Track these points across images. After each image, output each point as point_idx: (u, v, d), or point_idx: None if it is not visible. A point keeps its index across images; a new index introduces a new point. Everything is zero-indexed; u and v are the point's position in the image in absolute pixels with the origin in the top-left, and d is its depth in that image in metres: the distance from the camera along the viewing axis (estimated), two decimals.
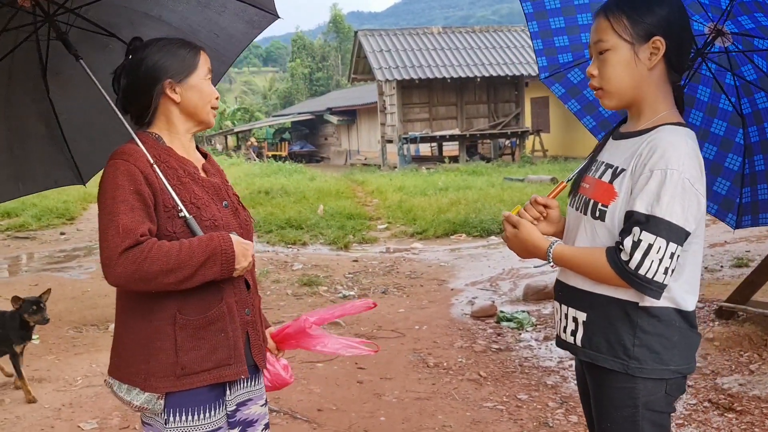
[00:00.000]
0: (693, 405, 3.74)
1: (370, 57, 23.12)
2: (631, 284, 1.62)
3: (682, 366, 1.71)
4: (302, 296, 6.79)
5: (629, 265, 1.60)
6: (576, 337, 1.78)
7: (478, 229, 10.13)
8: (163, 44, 1.92)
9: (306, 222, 11.05)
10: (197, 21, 2.49)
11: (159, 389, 1.79)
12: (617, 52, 1.70)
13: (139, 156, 1.81)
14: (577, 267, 1.73)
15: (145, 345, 1.80)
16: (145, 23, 2.40)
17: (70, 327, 5.86)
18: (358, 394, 4.15)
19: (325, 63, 53.97)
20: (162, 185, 1.80)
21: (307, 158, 32.76)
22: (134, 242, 1.70)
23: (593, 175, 1.81)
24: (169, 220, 1.80)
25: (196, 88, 1.92)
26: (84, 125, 2.63)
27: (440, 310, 6.11)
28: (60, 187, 3.08)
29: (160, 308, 1.80)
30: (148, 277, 1.70)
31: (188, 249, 1.74)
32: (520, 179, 15.91)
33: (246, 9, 2.49)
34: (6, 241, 10.70)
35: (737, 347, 4.52)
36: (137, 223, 1.72)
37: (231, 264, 1.79)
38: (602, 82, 1.75)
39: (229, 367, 1.86)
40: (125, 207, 1.73)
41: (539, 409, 3.84)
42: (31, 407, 4.10)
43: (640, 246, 1.58)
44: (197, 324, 1.82)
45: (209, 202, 1.90)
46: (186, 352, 1.80)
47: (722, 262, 7.18)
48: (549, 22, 2.67)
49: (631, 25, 1.69)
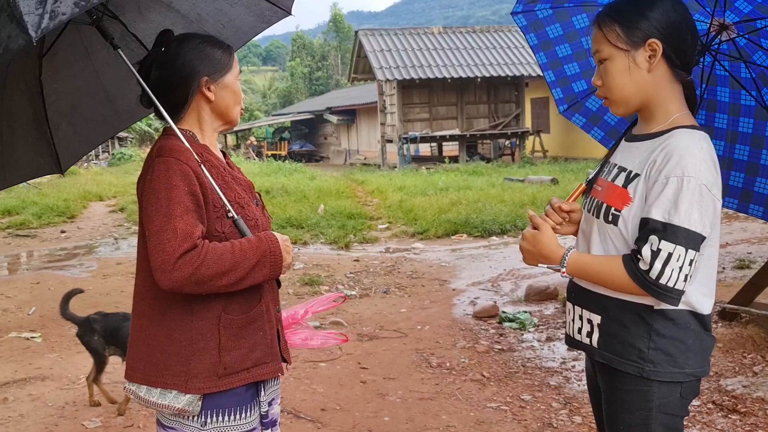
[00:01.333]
0: (697, 406, 3.74)
1: (370, 56, 23.13)
2: (651, 293, 1.61)
3: (697, 369, 1.70)
4: (303, 295, 6.78)
5: (650, 275, 1.59)
6: (591, 339, 1.78)
7: (479, 230, 10.13)
8: (198, 41, 1.90)
9: (306, 221, 11.05)
10: (207, 10, 2.44)
11: (200, 390, 1.77)
12: (614, 60, 1.71)
13: (189, 154, 1.78)
14: (592, 277, 1.72)
15: (187, 346, 1.77)
16: (152, 7, 2.35)
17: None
18: (362, 394, 4.15)
19: (325, 62, 53.98)
20: (210, 184, 1.78)
21: (306, 157, 32.77)
22: (191, 246, 1.67)
23: (606, 178, 1.80)
24: (218, 220, 1.79)
25: (229, 87, 1.92)
26: (69, 110, 2.52)
27: (442, 311, 6.11)
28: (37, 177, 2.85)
29: (205, 308, 1.78)
30: (203, 280, 1.68)
31: (240, 251, 1.74)
32: (521, 180, 15.91)
33: (259, 2, 2.45)
34: (7, 239, 10.69)
35: (741, 349, 4.52)
36: (193, 225, 1.69)
37: (279, 264, 1.80)
38: (606, 92, 1.76)
39: (267, 365, 1.87)
40: (181, 209, 1.69)
41: (543, 410, 3.84)
42: (34, 405, 4.10)
43: (660, 255, 1.58)
44: (240, 323, 1.82)
45: (249, 201, 1.92)
46: (228, 352, 1.79)
47: (724, 263, 7.18)
48: (555, 51, 2.66)
49: (623, 32, 1.69)
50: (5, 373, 4.64)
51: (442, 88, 23.28)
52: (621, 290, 1.67)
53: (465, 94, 23.61)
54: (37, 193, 14.76)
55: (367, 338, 5.31)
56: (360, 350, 5.01)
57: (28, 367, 4.78)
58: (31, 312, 6.22)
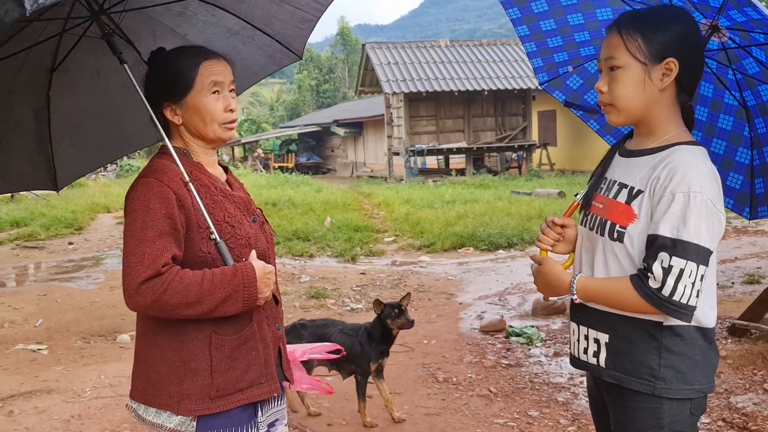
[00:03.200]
0: (707, 424, 3.70)
1: (377, 69, 23.21)
2: (665, 311, 1.60)
3: (705, 385, 1.69)
4: (309, 309, 6.77)
5: (662, 293, 1.58)
6: (599, 359, 1.75)
7: (485, 243, 10.10)
8: (167, 58, 1.87)
9: (313, 234, 11.05)
10: (220, 47, 2.43)
11: (193, 412, 1.76)
12: (629, 71, 1.68)
13: (173, 175, 1.76)
14: (603, 299, 1.71)
15: (179, 366, 1.77)
16: (167, 38, 2.38)
17: (78, 338, 5.86)
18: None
19: (332, 75, 54.24)
20: (196, 205, 1.77)
21: (313, 170, 32.84)
22: (155, 273, 1.66)
23: (606, 195, 1.78)
24: (203, 241, 1.77)
25: (194, 108, 1.83)
26: (74, 129, 2.55)
27: (449, 325, 6.08)
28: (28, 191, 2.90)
29: (196, 329, 1.76)
30: (168, 308, 1.68)
31: (210, 283, 1.70)
32: (528, 192, 15.89)
33: (272, 44, 2.47)
34: (15, 250, 10.73)
35: (751, 366, 4.47)
36: (162, 250, 1.68)
37: (254, 299, 1.75)
38: (612, 99, 1.72)
39: (262, 385, 1.84)
40: (153, 233, 1.69)
41: (551, 426, 3.81)
42: (39, 418, 4.09)
43: (672, 272, 1.57)
44: (232, 344, 1.79)
45: (242, 219, 1.87)
46: (221, 374, 1.77)
47: (733, 278, 7.13)
48: (539, 24, 2.63)
49: (645, 44, 1.66)
50: (11, 386, 4.64)
51: (449, 100, 23.32)
52: (632, 311, 1.66)
53: (472, 107, 23.64)
54: (45, 205, 14.83)
55: None
56: None
57: (34, 379, 4.78)
58: (38, 324, 6.22)
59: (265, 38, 2.47)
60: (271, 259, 1.94)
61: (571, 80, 2.80)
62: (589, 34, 2.55)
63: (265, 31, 2.44)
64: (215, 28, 2.45)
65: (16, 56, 2.15)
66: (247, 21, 2.41)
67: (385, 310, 3.83)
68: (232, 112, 1.88)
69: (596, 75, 2.67)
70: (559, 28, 2.57)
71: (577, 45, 2.63)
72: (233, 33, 2.46)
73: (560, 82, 2.82)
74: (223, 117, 1.86)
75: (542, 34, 2.61)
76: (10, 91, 2.30)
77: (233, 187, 1.97)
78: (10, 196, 16.54)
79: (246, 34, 2.46)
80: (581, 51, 2.65)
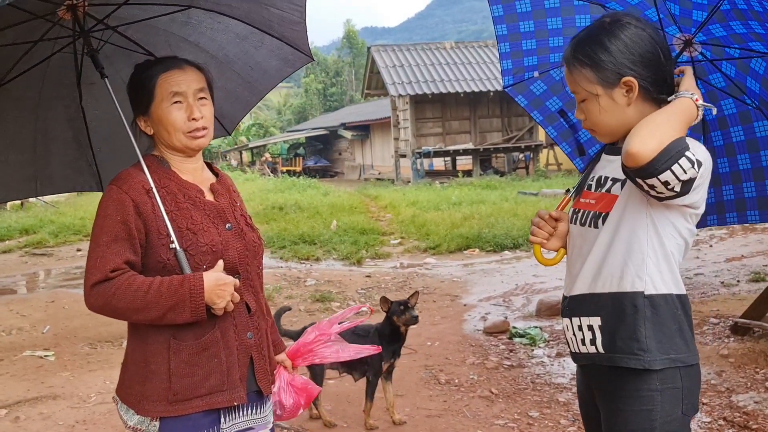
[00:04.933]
0: (707, 423, 3.70)
1: (383, 72, 23.25)
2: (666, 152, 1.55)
3: (682, 355, 1.70)
4: (315, 312, 6.80)
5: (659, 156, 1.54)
6: (597, 345, 1.77)
7: (491, 244, 10.10)
8: (135, 72, 1.92)
9: (319, 237, 11.08)
10: (234, 52, 2.50)
11: (151, 413, 1.79)
12: (593, 101, 1.73)
13: (134, 182, 1.81)
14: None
15: (143, 367, 1.81)
16: (182, 47, 2.42)
17: (84, 343, 5.91)
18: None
19: (339, 78, 54.27)
20: (158, 212, 1.80)
21: (321, 173, 32.92)
22: (104, 277, 1.72)
23: (598, 191, 1.81)
24: (162, 248, 1.79)
25: (157, 119, 1.88)
26: (109, 135, 2.66)
27: (452, 326, 6.09)
28: (79, 192, 3.06)
29: (157, 331, 1.80)
30: (118, 311, 1.74)
31: (156, 292, 1.73)
32: (534, 193, 15.86)
33: (282, 47, 2.49)
34: (24, 257, 10.82)
35: (753, 364, 4.46)
36: (114, 255, 1.74)
37: (201, 310, 1.76)
38: (591, 125, 1.79)
39: (222, 393, 1.83)
40: (107, 238, 1.75)
41: (551, 427, 3.81)
42: (45, 424, 4.13)
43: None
44: (191, 350, 1.80)
45: (209, 227, 1.87)
46: (179, 379, 1.79)
47: (739, 276, 7.10)
48: (519, 25, 2.63)
49: (595, 75, 1.70)
50: (17, 392, 4.69)
51: (455, 102, 23.32)
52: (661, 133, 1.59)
53: (478, 108, 23.63)
54: (54, 212, 14.95)
55: None
56: None
57: (40, 385, 4.83)
58: (46, 330, 6.28)
59: (274, 41, 2.48)
60: (251, 268, 1.94)
61: (535, 86, 2.80)
62: (563, 40, 2.56)
63: (272, 34, 2.45)
64: (224, 34, 2.47)
65: (30, 74, 2.29)
66: (251, 25, 2.43)
67: (392, 306, 3.87)
68: (196, 120, 1.88)
69: (561, 82, 2.68)
70: (537, 30, 2.58)
71: (549, 50, 2.63)
72: (242, 38, 2.48)
73: (524, 87, 2.83)
74: (185, 126, 1.87)
75: (519, 35, 2.61)
76: (38, 104, 2.45)
77: (216, 194, 1.96)
78: (20, 204, 16.70)
79: (255, 39, 2.48)
80: (551, 57, 2.65)
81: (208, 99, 1.93)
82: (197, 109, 1.89)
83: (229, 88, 2.60)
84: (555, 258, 1.98)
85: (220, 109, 2.64)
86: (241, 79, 2.61)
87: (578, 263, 1.83)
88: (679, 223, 1.70)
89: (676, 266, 1.72)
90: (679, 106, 1.66)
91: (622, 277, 1.71)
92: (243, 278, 1.90)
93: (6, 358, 5.50)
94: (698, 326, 5.26)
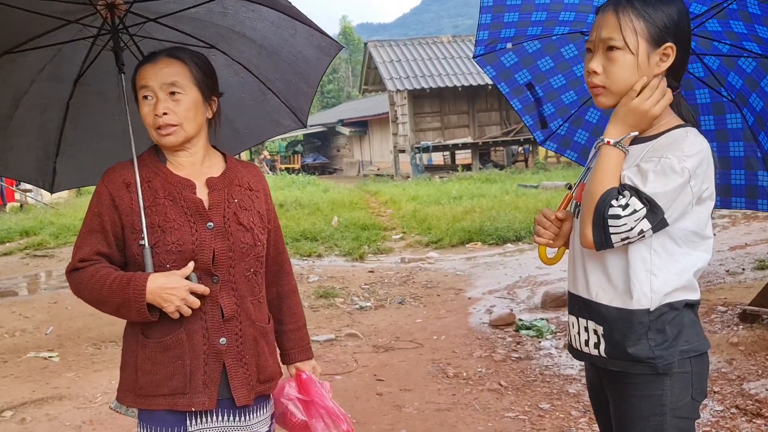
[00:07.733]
0: (720, 411, 3.67)
1: (380, 68, 23.21)
2: (596, 223, 1.62)
3: (694, 344, 1.68)
4: (318, 308, 6.77)
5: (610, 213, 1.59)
6: (600, 350, 1.74)
7: (493, 237, 10.08)
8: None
9: (321, 234, 11.05)
10: (276, 41, 2.42)
11: (123, 401, 1.87)
12: (625, 54, 1.63)
13: (115, 176, 1.84)
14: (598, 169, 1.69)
15: (124, 354, 1.89)
16: (233, 38, 2.39)
17: (88, 344, 5.87)
18: (378, 407, 4.12)
19: (336, 75, 54.27)
20: (135, 207, 1.80)
21: (320, 170, 32.89)
22: (73, 267, 1.80)
23: None
24: (134, 244, 1.80)
25: (140, 112, 1.86)
26: (82, 145, 2.64)
27: (458, 320, 6.06)
28: (18, 180, 3.00)
29: (131, 325, 1.86)
30: (87, 301, 1.81)
31: (110, 287, 1.75)
32: (534, 186, 15.83)
33: (312, 34, 2.38)
34: (25, 259, 10.78)
35: (763, 351, 4.43)
36: (87, 246, 1.80)
37: (143, 312, 1.73)
38: (607, 81, 1.67)
39: (183, 396, 1.79)
40: (85, 230, 1.83)
41: (562, 419, 3.78)
42: (51, 425, 4.10)
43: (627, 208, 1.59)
44: (154, 348, 1.80)
45: (183, 225, 1.79)
46: (143, 374, 1.81)
47: (744, 264, 7.07)
48: None
49: (647, 27, 1.63)
50: (23, 393, 4.66)
51: (453, 96, 23.27)
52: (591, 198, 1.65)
53: (476, 101, 23.59)
54: (54, 214, 14.90)
55: (382, 350, 5.28)
56: (376, 362, 4.97)
57: (46, 386, 4.80)
58: (49, 332, 6.25)
59: (304, 27, 2.35)
60: (235, 270, 1.84)
61: (506, 57, 2.73)
62: (546, 15, 2.48)
63: (300, 20, 2.30)
64: (261, 23, 2.37)
65: (38, 53, 2.28)
66: (280, 11, 2.29)
67: None
68: (157, 116, 1.78)
69: (533, 55, 2.64)
70: (523, 4, 2.50)
71: (530, 23, 2.54)
72: (277, 25, 2.37)
73: (494, 58, 2.75)
74: (151, 122, 1.81)
75: (503, 8, 2.51)
76: (26, 91, 2.41)
77: (212, 189, 1.86)
78: (20, 206, 16.65)
79: (288, 26, 2.36)
80: (529, 30, 2.57)
81: (183, 93, 1.81)
82: (162, 105, 1.79)
83: (288, 80, 2.54)
84: (555, 257, 1.96)
85: (288, 101, 2.60)
86: (293, 69, 2.50)
87: (580, 260, 1.79)
88: (686, 217, 1.65)
89: (688, 261, 1.66)
90: (599, 164, 1.68)
91: (626, 291, 1.66)
92: (222, 281, 1.81)
93: (10, 359, 5.47)
94: (706, 315, 5.24)
